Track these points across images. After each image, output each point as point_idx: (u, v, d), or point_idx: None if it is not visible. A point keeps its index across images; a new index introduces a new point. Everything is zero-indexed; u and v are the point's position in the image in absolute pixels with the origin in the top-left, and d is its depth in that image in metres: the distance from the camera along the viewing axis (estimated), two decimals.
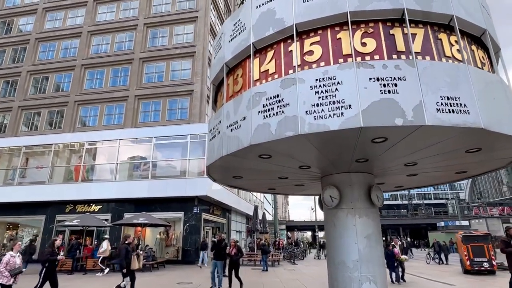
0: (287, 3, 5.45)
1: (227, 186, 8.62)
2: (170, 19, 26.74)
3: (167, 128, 23.09)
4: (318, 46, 5.14)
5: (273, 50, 5.61)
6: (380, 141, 4.93)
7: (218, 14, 30.46)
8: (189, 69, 25.05)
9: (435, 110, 4.34)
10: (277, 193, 10.12)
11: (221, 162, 6.10)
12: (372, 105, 4.38)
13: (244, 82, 5.95)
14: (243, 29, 6.04)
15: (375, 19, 5.05)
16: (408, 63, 4.58)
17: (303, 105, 4.70)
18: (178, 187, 21.23)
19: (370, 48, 4.90)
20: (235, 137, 5.45)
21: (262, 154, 5.65)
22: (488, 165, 6.73)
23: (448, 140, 4.82)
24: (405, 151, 5.41)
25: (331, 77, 4.67)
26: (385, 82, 4.48)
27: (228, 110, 5.82)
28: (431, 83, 4.48)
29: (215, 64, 6.99)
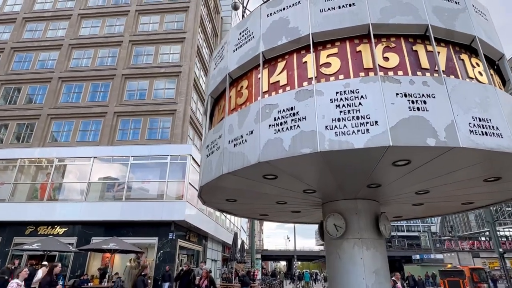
0: (303, 12, 5.09)
1: (217, 210, 7.84)
2: (157, 38, 26.40)
3: (146, 147, 22.01)
4: (336, 58, 4.75)
5: (284, 61, 5.16)
6: (402, 164, 4.47)
7: (205, 37, 30.53)
8: (173, 88, 24.46)
9: (468, 131, 3.96)
10: (268, 220, 9.40)
11: (218, 182, 5.41)
12: (401, 122, 3.94)
13: (250, 94, 5.42)
14: (251, 37, 5.60)
15: (397, 34, 4.76)
16: (437, 80, 4.24)
17: (322, 120, 4.19)
18: (154, 210, 19.89)
19: (393, 63, 4.55)
20: (239, 153, 4.82)
21: (267, 175, 5.04)
22: (496, 197, 6.43)
23: (474, 165, 4.43)
24: (423, 177, 4.98)
25: (353, 90, 4.24)
26: (413, 98, 4.09)
27: (231, 124, 5.22)
28: (461, 103, 4.13)
29: (215, 76, 6.45)
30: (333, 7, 4.94)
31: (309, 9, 5.05)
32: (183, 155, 20.84)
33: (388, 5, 4.78)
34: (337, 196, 6.21)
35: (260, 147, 4.51)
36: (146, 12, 27.80)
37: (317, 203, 7.00)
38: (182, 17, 27.48)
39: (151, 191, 21.50)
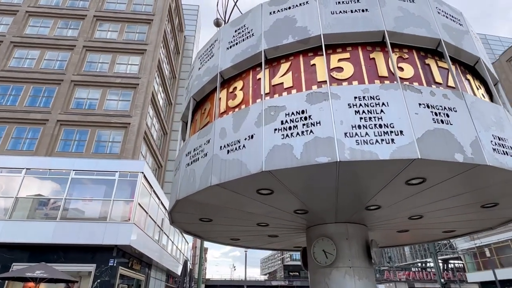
0: (312, 12, 4.69)
1: (182, 231, 6.78)
2: (115, 47, 24.84)
3: (92, 161, 19.78)
4: (348, 64, 4.34)
5: (288, 62, 4.64)
6: (416, 183, 4.08)
7: (167, 53, 29.57)
8: (128, 101, 22.82)
9: (492, 149, 3.70)
10: (237, 245, 8.47)
11: (201, 196, 4.54)
12: (427, 134, 3.56)
13: (245, 96, 4.76)
14: (250, 35, 5.03)
15: (410, 46, 4.54)
16: (456, 94, 4.00)
17: (340, 126, 3.66)
18: (94, 233, 17.54)
19: (408, 74, 4.27)
20: (235, 161, 4.06)
21: (263, 189, 4.32)
22: (478, 225, 6.38)
23: (490, 187, 4.19)
24: (428, 199, 4.66)
25: (373, 96, 3.81)
26: (436, 110, 3.77)
27: (224, 127, 4.47)
28: (481, 119, 3.91)
29: (201, 76, 5.70)
30: (345, 10, 4.62)
31: (319, 10, 4.66)
32: (134, 172, 19.05)
33: (401, 15, 4.58)
34: (327, 218, 5.64)
35: (263, 154, 3.81)
36: (105, 19, 26.25)
37: (300, 227, 6.35)
38: (144, 29, 26.40)
39: (92, 210, 19.10)
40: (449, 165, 3.58)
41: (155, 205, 22.47)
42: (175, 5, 31.57)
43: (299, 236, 7.10)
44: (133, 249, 18.76)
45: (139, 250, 19.77)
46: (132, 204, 18.43)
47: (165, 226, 25.22)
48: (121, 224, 18.20)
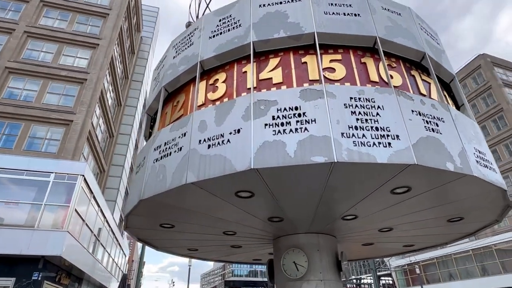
0: (304, 10, 4.52)
1: (136, 238, 6.00)
2: (62, 37, 22.72)
3: (23, 159, 17.44)
4: (340, 65, 4.21)
5: (278, 58, 4.38)
6: (400, 192, 4.00)
7: (121, 52, 27.87)
8: (73, 96, 20.80)
9: (475, 161, 3.77)
10: (193, 257, 7.77)
11: (171, 196, 3.98)
12: (421, 141, 3.50)
13: (228, 89, 4.37)
14: (237, 25, 4.69)
15: (397, 55, 4.58)
16: (442, 106, 4.05)
17: (337, 125, 3.45)
18: (17, 241, 15.24)
19: (397, 82, 4.26)
20: (217, 156, 3.61)
21: (243, 191, 3.92)
22: (436, 240, 6.60)
23: (465, 200, 4.26)
24: (405, 210, 4.64)
25: (369, 98, 3.68)
26: (427, 118, 3.76)
27: (204, 119, 4.01)
28: (464, 132, 3.99)
29: (176, 65, 5.18)
30: (338, 12, 4.53)
31: (312, 8, 4.51)
32: (73, 174, 17.16)
33: (390, 25, 4.62)
34: (300, 228, 5.37)
35: (252, 150, 3.43)
36: (54, 6, 24.05)
37: (267, 237, 5.99)
38: (98, 22, 24.66)
39: (17, 215, 16.70)
40: (439, 173, 3.54)
41: (93, 213, 20.43)
42: (134, 3, 30.19)
43: (263, 247, 6.71)
44: (64, 260, 16.66)
45: (71, 262, 17.63)
46: (67, 210, 16.47)
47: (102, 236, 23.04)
48: (52, 232, 16.10)
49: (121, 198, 30.90)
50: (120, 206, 30.64)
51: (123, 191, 31.82)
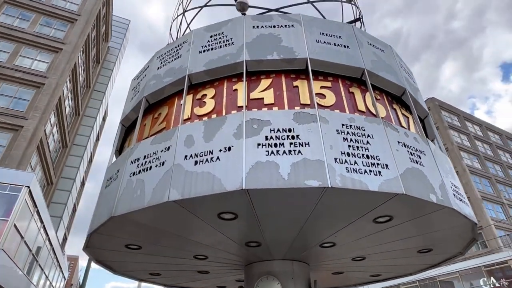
0: (297, 36, 4.61)
1: (95, 260, 5.42)
2: (21, 37, 21.26)
3: None
4: (330, 92, 4.30)
5: (270, 79, 4.37)
6: (382, 221, 4.05)
7: (85, 59, 26.65)
8: (27, 100, 19.26)
9: (452, 194, 3.94)
10: (155, 282, 7.16)
11: (148, 215, 3.67)
12: (407, 171, 3.61)
13: (217, 105, 4.24)
14: (229, 43, 4.65)
15: (381, 88, 4.79)
16: (422, 139, 4.25)
17: (330, 150, 3.45)
18: None
19: (382, 113, 4.42)
20: (205, 174, 3.42)
21: (227, 212, 3.72)
22: (403, 270, 6.74)
23: (438, 231, 4.41)
24: (383, 239, 4.69)
25: (359, 127, 3.76)
26: (411, 150, 3.90)
27: (191, 134, 3.82)
28: (442, 166, 4.19)
29: (161, 76, 4.97)
30: (329, 42, 4.68)
31: (305, 35, 4.62)
32: (17, 185, 15.52)
33: (376, 60, 4.85)
34: (276, 254, 5.20)
35: (244, 170, 3.29)
36: (15, 4, 22.63)
37: (239, 263, 5.72)
38: (64, 27, 23.53)
39: None
40: (422, 204, 3.63)
41: (35, 229, 18.48)
42: (105, 12, 29.42)
43: (232, 274, 6.39)
44: None
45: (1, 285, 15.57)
46: (5, 225, 14.71)
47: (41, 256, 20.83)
48: None
49: (68, 214, 28.46)
50: (65, 223, 28.19)
51: (71, 207, 29.36)
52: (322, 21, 5.05)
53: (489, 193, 28.74)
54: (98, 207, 4.36)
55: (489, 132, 37.11)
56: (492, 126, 37.95)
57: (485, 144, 34.75)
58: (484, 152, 33.53)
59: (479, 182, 29.11)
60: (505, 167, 33.12)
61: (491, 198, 28.17)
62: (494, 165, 32.68)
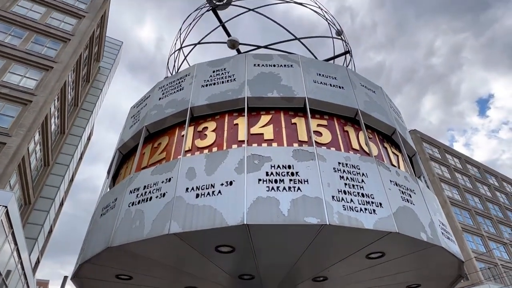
0: (296, 75, 4.89)
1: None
2: (12, 54, 21.15)
3: None
4: (326, 130, 4.52)
5: (270, 116, 4.57)
6: (375, 257, 4.17)
7: (76, 78, 26.59)
8: (12, 117, 18.91)
9: (441, 233, 4.13)
10: None
11: (146, 246, 3.68)
12: (399, 210, 3.79)
13: (219, 138, 4.38)
14: (231, 79, 4.87)
15: (373, 128, 5.06)
16: (412, 178, 4.48)
17: (328, 188, 3.61)
18: None
19: (374, 151, 4.66)
20: (207, 207, 3.50)
21: (225, 245, 3.77)
22: None
23: (426, 268, 4.56)
24: (374, 275, 4.78)
25: (355, 165, 3.96)
26: (402, 189, 4.11)
27: (194, 167, 3.92)
28: (430, 204, 4.40)
29: (163, 106, 5.10)
30: (325, 82, 4.97)
31: (303, 75, 4.90)
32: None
33: (368, 100, 5.16)
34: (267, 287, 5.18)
35: (245, 205, 3.40)
36: (9, 21, 22.69)
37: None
38: (57, 46, 23.61)
39: None
40: (413, 242, 3.79)
41: (7, 252, 17.62)
42: (99, 33, 29.74)
43: None
44: None
45: None
46: None
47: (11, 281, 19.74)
48: None
49: (43, 236, 27.23)
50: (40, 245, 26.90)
51: (47, 228, 28.16)
52: (319, 62, 5.39)
53: (469, 225, 29.42)
54: (92, 236, 4.32)
55: (468, 164, 38.50)
56: (471, 159, 39.42)
57: (465, 176, 35.93)
58: (463, 184, 34.61)
59: (459, 214, 29.82)
60: (484, 199, 34.15)
61: (471, 230, 28.80)
62: (473, 197, 33.67)
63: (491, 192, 36.27)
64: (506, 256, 29.03)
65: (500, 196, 36.79)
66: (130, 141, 5.28)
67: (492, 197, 35.47)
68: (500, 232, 31.20)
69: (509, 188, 39.83)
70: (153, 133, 5.10)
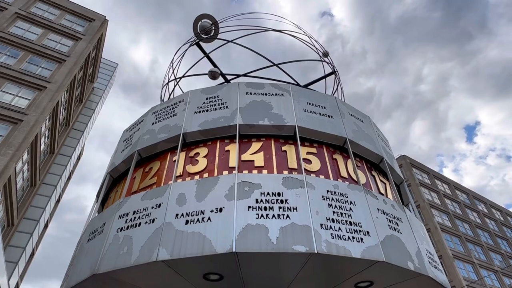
0: (286, 104, 5.05)
1: None
2: (6, 73, 21.23)
3: None
4: (316, 158, 4.63)
5: (260, 143, 4.68)
6: (363, 286, 4.17)
7: (69, 98, 26.63)
8: (1, 136, 18.70)
9: (428, 262, 4.17)
10: None
11: (134, 273, 3.63)
12: (386, 239, 3.84)
13: (210, 165, 4.44)
14: (223, 106, 4.99)
15: (361, 156, 5.19)
16: (399, 206, 4.57)
17: (316, 216, 3.66)
18: None
19: (362, 179, 4.76)
20: (196, 234, 3.50)
21: (213, 273, 3.75)
22: None
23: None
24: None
25: (343, 193, 4.04)
26: (389, 217, 4.18)
27: (184, 193, 3.95)
28: (417, 233, 4.47)
29: (155, 131, 5.17)
30: (315, 111, 5.13)
31: (293, 104, 5.06)
32: None
33: (356, 129, 5.32)
34: None
35: (234, 232, 3.42)
36: (4, 41, 22.90)
37: None
38: (52, 66, 23.79)
39: None
40: (401, 271, 3.82)
41: None
42: (94, 55, 30.12)
43: None
44: None
45: None
46: None
47: None
48: None
49: (25, 260, 26.21)
50: (20, 269, 25.83)
51: (29, 251, 27.16)
52: (309, 91, 5.58)
53: (460, 251, 29.34)
54: (77, 262, 4.24)
55: (457, 190, 38.91)
56: (460, 185, 39.89)
57: (454, 203, 36.22)
58: (453, 210, 34.82)
59: (450, 240, 29.79)
60: (474, 226, 34.29)
61: (462, 257, 28.70)
62: (463, 223, 33.79)
63: (480, 218, 36.51)
64: (497, 284, 28.84)
65: (489, 223, 37.02)
66: (122, 165, 5.29)
67: (482, 224, 35.66)
68: (491, 260, 31.13)
69: (498, 215, 40.19)
70: (144, 158, 5.14)
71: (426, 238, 4.74)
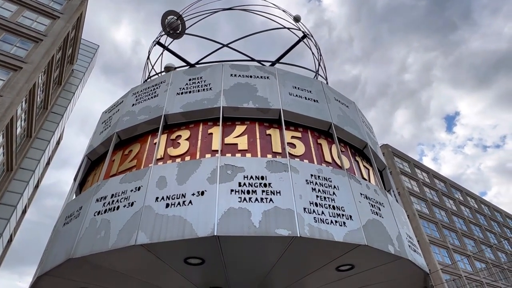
0: (272, 87, 4.93)
1: None
2: None
3: None
4: (300, 142, 4.57)
5: (244, 126, 4.57)
6: (344, 269, 4.21)
7: (47, 80, 25.55)
8: None
9: (408, 245, 4.24)
10: None
11: (112, 258, 3.52)
12: (368, 223, 3.86)
13: (192, 148, 4.32)
14: (207, 88, 4.83)
15: (346, 141, 5.17)
16: (382, 192, 4.59)
17: (300, 200, 3.63)
18: None
19: (346, 164, 4.75)
20: (177, 218, 3.41)
21: (194, 257, 3.68)
22: None
23: (395, 280, 4.65)
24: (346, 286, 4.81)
25: (326, 178, 4.01)
26: (371, 202, 4.20)
27: (165, 176, 3.83)
28: (398, 217, 4.52)
29: (135, 113, 4.97)
30: (300, 95, 5.04)
31: (279, 87, 4.96)
32: None
33: (341, 115, 5.28)
34: None
35: (216, 216, 3.34)
36: None
37: None
38: (28, 45, 22.67)
39: None
40: (381, 255, 3.86)
41: None
42: (73, 36, 28.86)
43: None
44: None
45: None
46: None
47: None
48: None
49: (2, 246, 25.58)
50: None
51: (6, 238, 26.50)
52: (295, 75, 5.48)
53: (436, 237, 30.50)
54: (52, 246, 4.08)
55: (435, 179, 40.15)
56: (438, 174, 41.14)
57: (432, 190, 37.40)
58: (431, 198, 35.99)
59: (427, 227, 30.87)
60: (450, 213, 35.61)
61: (437, 242, 29.86)
62: (440, 210, 35.04)
63: (456, 206, 37.91)
64: (469, 268, 30.25)
65: (464, 210, 38.52)
66: (100, 147, 5.09)
67: (457, 211, 37.06)
68: (464, 245, 32.53)
69: (473, 203, 41.84)
70: (124, 140, 4.95)
71: (407, 223, 4.81)
